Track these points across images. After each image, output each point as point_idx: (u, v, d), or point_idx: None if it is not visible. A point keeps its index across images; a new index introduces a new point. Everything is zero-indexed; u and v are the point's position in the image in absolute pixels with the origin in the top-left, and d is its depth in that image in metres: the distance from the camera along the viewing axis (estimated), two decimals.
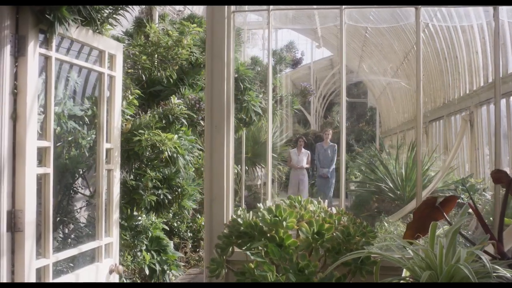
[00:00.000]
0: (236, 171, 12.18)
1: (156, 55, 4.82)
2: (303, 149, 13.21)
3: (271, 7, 3.60)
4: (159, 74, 4.91)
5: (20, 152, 3.27)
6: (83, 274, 3.98)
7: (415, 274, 2.19)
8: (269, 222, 2.39)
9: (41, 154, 3.48)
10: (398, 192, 6.01)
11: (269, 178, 3.47)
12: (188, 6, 9.26)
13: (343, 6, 3.67)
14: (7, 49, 3.20)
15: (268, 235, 2.39)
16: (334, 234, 2.40)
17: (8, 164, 3.24)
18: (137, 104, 4.97)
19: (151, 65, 4.86)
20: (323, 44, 16.28)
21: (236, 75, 6.75)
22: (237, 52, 6.26)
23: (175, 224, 7.97)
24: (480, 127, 6.02)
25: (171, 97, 4.92)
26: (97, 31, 4.09)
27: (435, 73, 8.36)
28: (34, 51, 3.32)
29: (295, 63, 7.97)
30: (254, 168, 13.59)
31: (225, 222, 3.07)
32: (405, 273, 2.38)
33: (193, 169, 5.82)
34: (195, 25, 5.20)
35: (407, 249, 2.37)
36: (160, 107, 5.08)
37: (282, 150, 13.20)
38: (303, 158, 13.00)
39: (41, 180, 3.51)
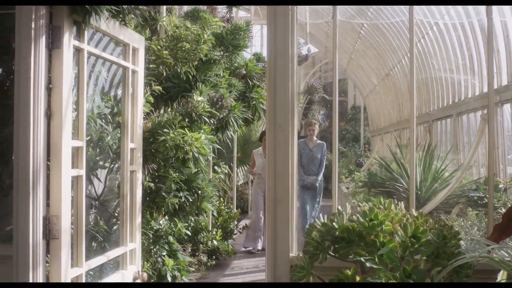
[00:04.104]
0: (226, 171, 12.00)
1: (177, 50, 4.57)
2: None
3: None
4: (179, 69, 4.65)
5: (55, 153, 3.02)
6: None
7: None
8: (367, 226, 2.22)
9: (73, 154, 3.22)
10: (418, 192, 5.91)
11: (335, 182, 3.26)
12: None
13: (414, 6, 3.52)
14: (43, 41, 2.94)
15: (367, 239, 2.21)
16: (429, 237, 2.24)
17: (43, 166, 2.98)
18: (152, 102, 4.71)
19: (173, 61, 4.60)
20: (310, 41, 16.09)
21: (244, 72, 6.58)
22: (249, 48, 6.07)
23: None
24: (501, 126, 5.98)
25: (194, 94, 4.68)
26: (122, 22, 3.84)
27: (443, 71, 8.31)
28: (69, 43, 3.07)
29: (302, 59, 7.81)
30: (243, 168, 13.41)
31: (289, 225, 2.88)
32: (502, 275, 2.24)
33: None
34: (217, 19, 4.97)
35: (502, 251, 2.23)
36: (177, 104, 4.84)
37: None
38: None
39: (72, 182, 3.24)
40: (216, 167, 11.27)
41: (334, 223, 2.27)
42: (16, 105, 2.91)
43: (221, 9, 8.29)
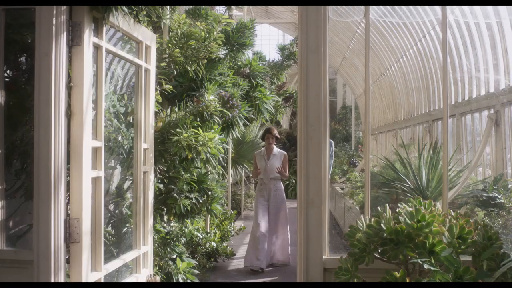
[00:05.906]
0: (221, 172, 11.87)
1: (186, 48, 4.47)
2: (274, 149, 8.15)
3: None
4: (188, 68, 4.56)
5: (75, 154, 2.91)
6: None
7: None
8: (415, 227, 2.17)
9: (92, 155, 3.11)
10: (427, 192, 5.87)
11: (367, 187, 3.19)
12: None
13: (447, 6, 3.46)
14: (63, 37, 2.84)
15: (416, 241, 2.16)
16: (475, 238, 2.20)
17: (64, 168, 2.87)
18: (161, 101, 4.62)
19: (183, 59, 4.50)
20: None
21: (248, 71, 6.50)
22: (254, 47, 6.00)
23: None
24: (509, 127, 5.98)
25: (206, 93, 4.59)
26: (136, 19, 3.74)
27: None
28: (89, 40, 2.97)
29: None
30: (237, 168, 13.26)
31: (322, 226, 2.82)
32: None
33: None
34: (226, 16, 4.89)
35: None
36: (184, 103, 4.75)
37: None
38: (274, 163, 7.97)
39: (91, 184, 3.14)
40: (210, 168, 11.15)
41: (382, 225, 2.21)
42: (37, 104, 2.81)
43: (219, 8, 8.20)
